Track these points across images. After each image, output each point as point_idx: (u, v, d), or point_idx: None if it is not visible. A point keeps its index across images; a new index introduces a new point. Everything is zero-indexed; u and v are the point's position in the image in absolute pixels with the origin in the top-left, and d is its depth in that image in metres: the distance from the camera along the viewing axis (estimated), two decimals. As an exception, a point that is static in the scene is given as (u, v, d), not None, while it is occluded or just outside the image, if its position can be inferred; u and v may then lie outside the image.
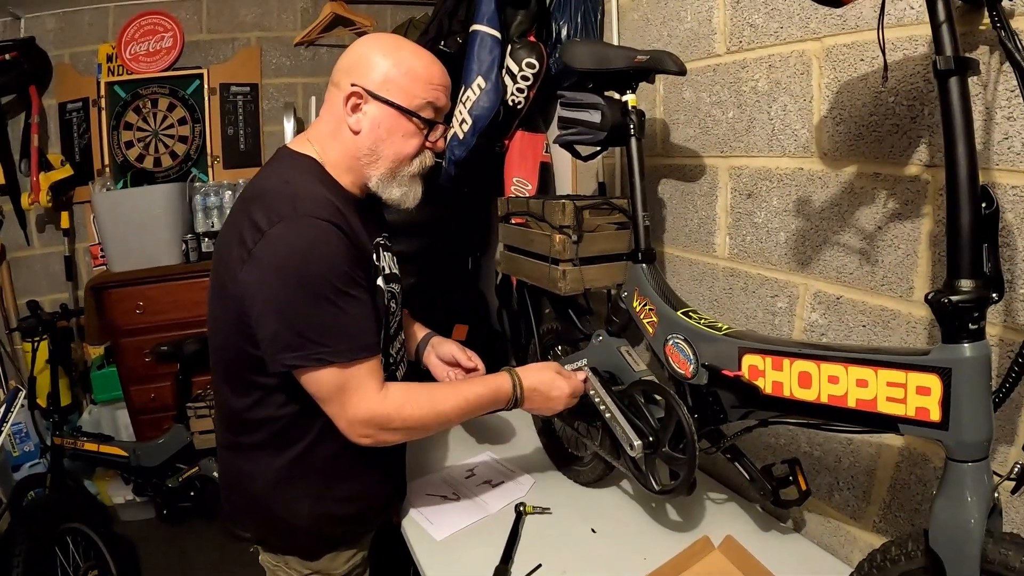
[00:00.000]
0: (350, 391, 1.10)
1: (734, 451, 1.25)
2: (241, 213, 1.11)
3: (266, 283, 1.05)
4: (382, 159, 1.18)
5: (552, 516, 1.44)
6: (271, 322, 1.05)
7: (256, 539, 1.31)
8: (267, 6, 3.40)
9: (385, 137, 1.17)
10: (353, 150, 1.18)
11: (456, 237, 2.52)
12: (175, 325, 2.86)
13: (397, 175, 1.21)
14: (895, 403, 0.85)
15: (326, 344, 1.06)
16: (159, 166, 3.33)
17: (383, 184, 1.21)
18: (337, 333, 1.07)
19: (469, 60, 1.95)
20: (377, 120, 1.16)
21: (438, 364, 1.50)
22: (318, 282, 1.04)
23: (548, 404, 1.31)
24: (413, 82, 1.15)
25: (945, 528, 0.81)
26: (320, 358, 1.06)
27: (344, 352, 1.08)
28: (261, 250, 1.04)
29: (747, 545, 1.24)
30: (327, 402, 1.11)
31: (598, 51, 1.35)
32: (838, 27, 1.18)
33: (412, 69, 1.16)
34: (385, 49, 1.16)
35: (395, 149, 1.18)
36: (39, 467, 2.91)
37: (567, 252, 1.41)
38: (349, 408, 1.11)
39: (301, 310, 1.05)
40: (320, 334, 1.06)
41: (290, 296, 1.04)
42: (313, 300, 1.05)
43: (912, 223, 1.09)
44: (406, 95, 1.15)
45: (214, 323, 1.22)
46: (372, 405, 1.12)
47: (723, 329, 1.13)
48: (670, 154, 1.63)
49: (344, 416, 1.11)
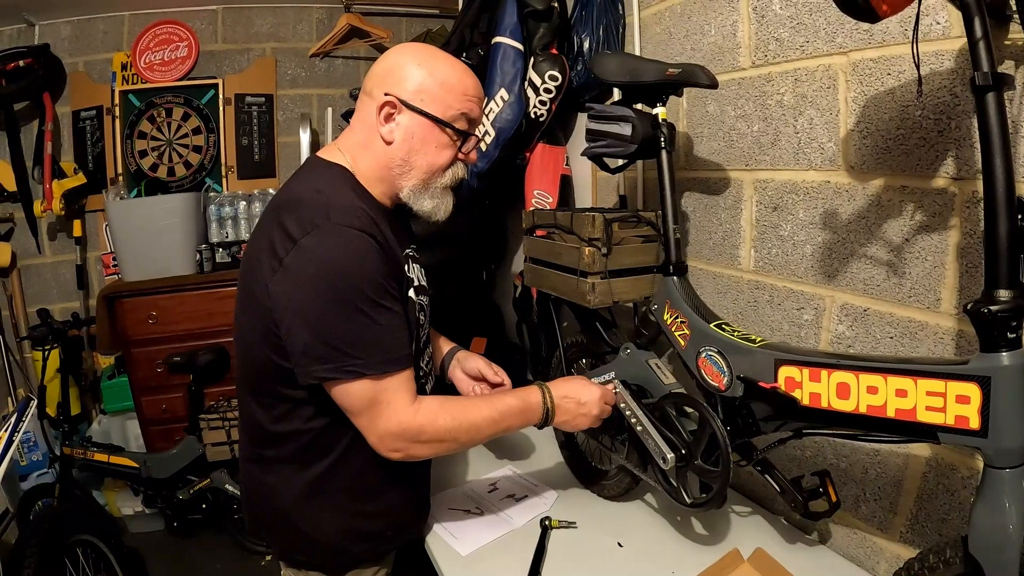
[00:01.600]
0: (382, 404, 1.08)
1: (764, 463, 1.25)
2: (272, 221, 1.10)
3: (298, 294, 1.03)
4: (415, 170, 1.17)
5: (578, 531, 1.44)
6: (303, 334, 1.04)
7: (279, 554, 1.30)
8: (283, 17, 3.43)
9: (419, 148, 1.16)
10: (386, 160, 1.17)
11: (471, 249, 2.52)
12: (188, 336, 2.87)
13: (430, 186, 1.20)
14: (935, 412, 0.86)
15: (359, 356, 1.04)
16: (173, 175, 3.35)
17: (415, 195, 1.19)
18: (370, 345, 1.05)
19: (492, 72, 1.96)
20: (411, 130, 1.15)
21: (464, 379, 1.48)
22: (351, 293, 1.03)
23: (581, 411, 1.28)
24: (448, 92, 1.14)
25: (985, 534, 0.82)
26: (353, 370, 1.04)
27: (377, 364, 1.06)
28: (293, 260, 1.03)
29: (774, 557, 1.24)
30: (358, 415, 1.09)
31: (629, 64, 1.36)
32: (864, 41, 1.19)
33: (447, 79, 1.15)
34: (420, 59, 1.15)
35: (428, 160, 1.17)
36: (47, 477, 2.90)
37: (596, 265, 1.40)
38: (380, 421, 1.09)
39: (333, 321, 1.04)
40: (352, 346, 1.04)
41: (322, 307, 1.03)
42: (346, 311, 1.03)
43: (939, 235, 1.10)
44: (440, 105, 1.14)
45: (241, 333, 1.19)
46: (404, 417, 1.10)
47: (757, 341, 1.14)
48: (694, 167, 1.64)
49: (375, 430, 1.10)
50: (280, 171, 3.49)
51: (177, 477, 2.73)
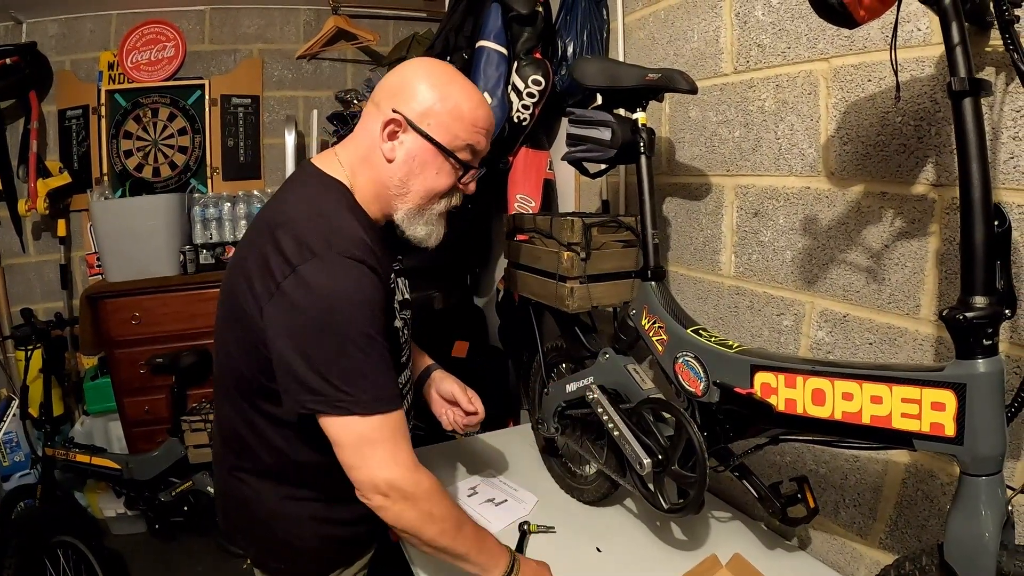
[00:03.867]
0: (374, 445, 1.04)
1: (742, 469, 1.25)
2: (266, 238, 1.05)
3: (294, 322, 1.00)
4: (411, 193, 1.13)
5: (557, 535, 1.43)
6: (295, 363, 1.00)
7: (254, 560, 1.28)
8: (270, 18, 3.41)
9: (418, 172, 1.12)
10: (384, 178, 1.12)
11: (455, 253, 2.51)
12: (171, 337, 2.84)
13: (425, 212, 1.16)
14: (910, 419, 0.86)
15: (350, 393, 1.00)
16: (158, 176, 3.32)
17: (408, 220, 1.16)
18: (361, 382, 1.01)
19: (475, 76, 1.96)
20: (412, 152, 1.10)
21: (437, 400, 1.46)
22: (348, 326, 1.00)
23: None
24: (457, 121, 1.10)
25: (960, 542, 0.82)
26: (342, 407, 1.01)
27: (368, 403, 1.02)
28: (290, 286, 0.99)
29: (753, 563, 1.24)
30: (343, 448, 1.05)
31: (609, 68, 1.36)
32: (846, 48, 1.20)
33: (458, 107, 1.10)
34: (434, 80, 1.10)
35: (427, 185, 1.13)
36: (29, 478, 2.87)
37: (575, 269, 1.40)
38: (373, 463, 1.04)
39: (327, 354, 1.00)
40: (344, 381, 1.00)
41: (317, 338, 0.99)
42: (341, 345, 1.00)
43: (919, 241, 1.10)
44: (447, 133, 1.10)
45: (224, 343, 1.15)
46: (402, 473, 1.05)
47: (734, 347, 1.13)
48: (676, 172, 1.64)
49: (365, 470, 1.04)
50: (265, 173, 3.47)
51: (159, 479, 2.70)
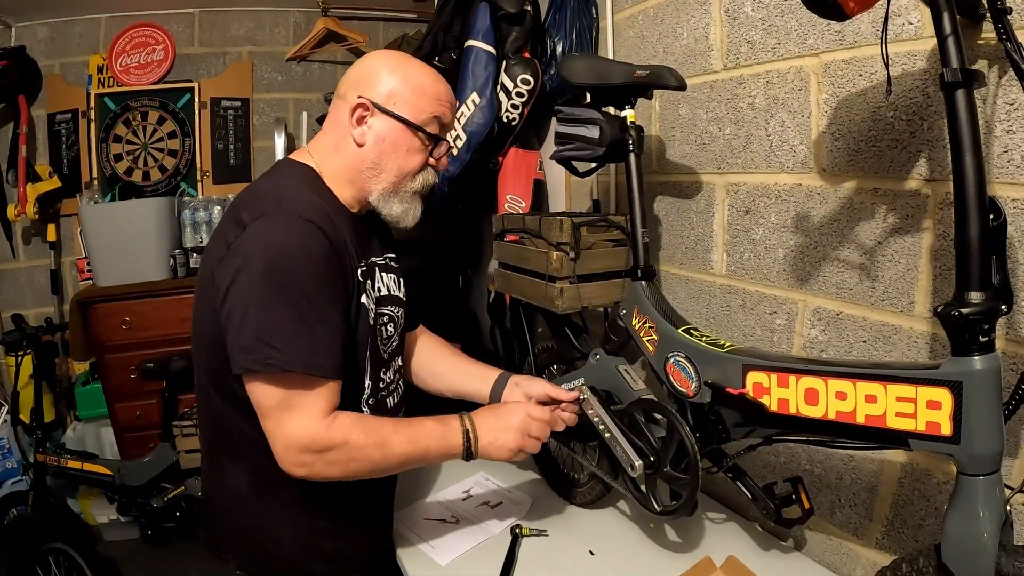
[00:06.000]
0: (292, 408, 1.02)
1: (735, 470, 1.24)
2: (229, 216, 1.10)
3: (238, 276, 0.99)
4: (385, 173, 1.17)
5: (549, 539, 1.41)
6: (235, 318, 0.99)
7: (237, 566, 1.26)
8: (259, 20, 3.40)
9: (390, 151, 1.15)
10: (356, 163, 1.16)
11: (446, 254, 2.51)
12: (162, 341, 2.82)
13: (399, 190, 1.19)
14: (905, 418, 0.84)
15: (278, 348, 0.98)
16: (148, 180, 3.31)
17: (384, 199, 1.19)
18: (291, 340, 0.99)
19: (464, 76, 1.95)
20: (382, 133, 1.15)
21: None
22: (287, 281, 0.99)
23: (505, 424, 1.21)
24: (420, 97, 1.15)
25: (958, 542, 0.80)
26: (268, 362, 0.98)
27: (295, 363, 0.99)
28: (239, 243, 1.01)
29: (748, 565, 1.22)
30: (266, 416, 1.03)
31: (597, 66, 1.35)
32: (836, 43, 1.18)
33: (420, 84, 1.15)
34: (393, 64, 1.17)
35: (399, 163, 1.16)
36: (21, 484, 2.84)
37: (564, 269, 1.39)
38: (288, 428, 1.02)
39: (264, 308, 0.99)
40: (275, 337, 0.98)
41: (255, 291, 0.99)
42: (278, 299, 0.99)
43: (913, 237, 1.09)
44: (412, 109, 1.15)
45: (199, 338, 1.14)
46: (314, 428, 1.02)
47: (726, 346, 1.12)
48: (666, 171, 1.63)
49: (281, 436, 1.02)
50: (256, 175, 3.42)
51: (151, 484, 2.68)
